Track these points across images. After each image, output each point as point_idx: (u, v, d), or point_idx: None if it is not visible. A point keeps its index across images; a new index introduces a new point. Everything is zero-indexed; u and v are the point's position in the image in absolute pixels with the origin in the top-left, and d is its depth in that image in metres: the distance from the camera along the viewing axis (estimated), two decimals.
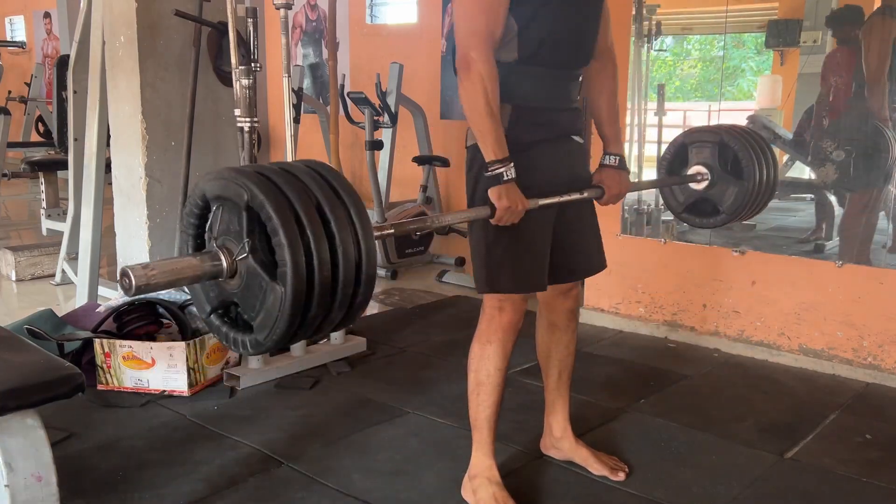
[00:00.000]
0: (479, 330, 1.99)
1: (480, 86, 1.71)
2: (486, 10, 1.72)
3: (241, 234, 1.20)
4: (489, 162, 1.75)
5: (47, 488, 1.60)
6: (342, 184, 1.26)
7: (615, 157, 2.05)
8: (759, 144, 2.20)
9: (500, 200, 1.74)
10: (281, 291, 1.16)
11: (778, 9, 3.52)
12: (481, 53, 1.71)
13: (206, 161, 3.35)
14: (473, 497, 2.03)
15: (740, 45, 3.65)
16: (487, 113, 1.72)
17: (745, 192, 2.17)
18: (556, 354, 2.18)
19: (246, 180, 1.18)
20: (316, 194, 1.21)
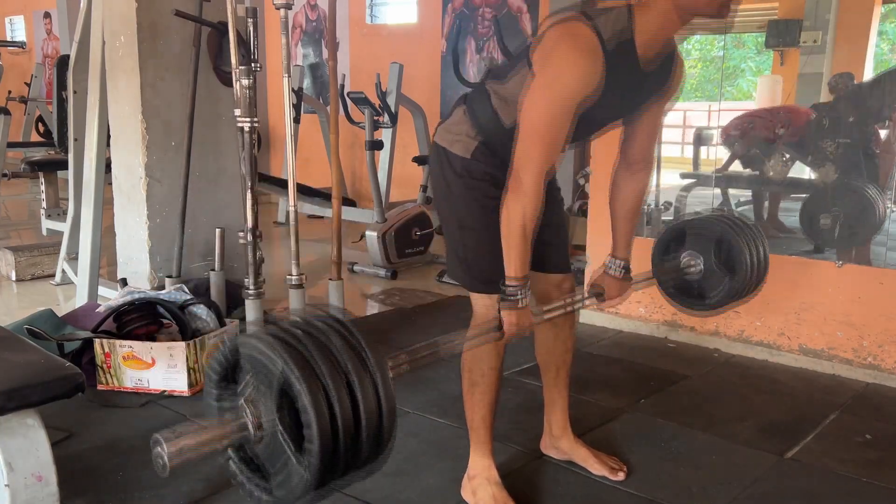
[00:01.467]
0: (471, 332, 1.98)
1: (521, 210, 1.70)
2: (551, 146, 1.69)
3: (271, 404, 1.23)
4: (508, 278, 1.76)
5: (47, 488, 1.60)
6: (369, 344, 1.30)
7: (621, 262, 2.07)
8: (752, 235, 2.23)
9: (510, 320, 1.76)
10: (305, 477, 1.19)
11: (778, 9, 3.53)
12: (534, 182, 1.69)
13: (206, 161, 3.35)
14: (473, 497, 2.03)
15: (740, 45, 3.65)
16: (521, 235, 1.72)
17: (733, 289, 2.21)
18: (554, 351, 2.18)
19: (284, 353, 1.20)
20: (348, 374, 1.24)
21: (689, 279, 2.28)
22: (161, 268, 3.26)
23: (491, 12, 6.04)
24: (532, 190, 1.69)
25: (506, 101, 1.82)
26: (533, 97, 1.68)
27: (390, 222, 4.76)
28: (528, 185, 1.68)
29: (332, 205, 3.22)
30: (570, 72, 1.64)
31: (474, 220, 1.89)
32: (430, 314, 3.85)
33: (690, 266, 2.26)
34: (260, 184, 4.35)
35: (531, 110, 1.68)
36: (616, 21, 1.68)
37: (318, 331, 1.28)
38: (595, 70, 1.66)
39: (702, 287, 2.28)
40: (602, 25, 1.67)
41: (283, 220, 6.42)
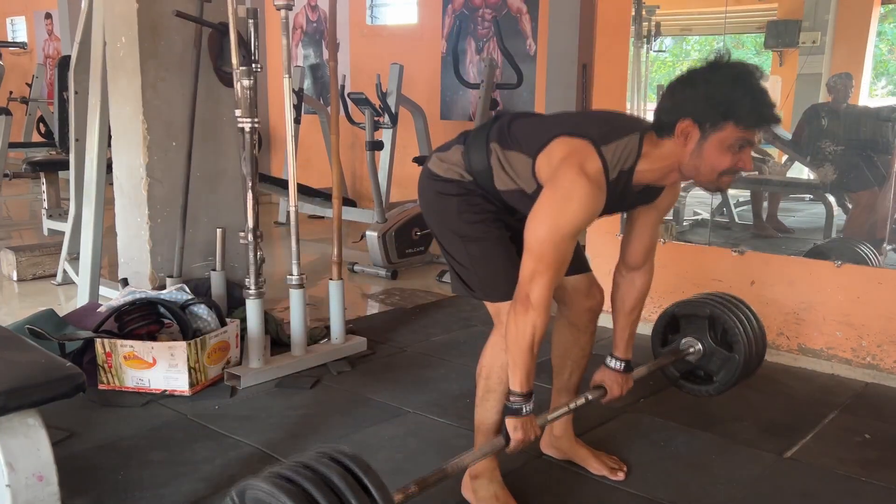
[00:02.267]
0: (494, 338, 1.98)
1: (531, 329, 1.71)
2: (557, 264, 1.72)
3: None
4: (513, 392, 1.78)
5: (48, 488, 1.60)
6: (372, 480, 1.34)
7: (622, 363, 2.10)
8: (743, 311, 2.31)
9: (515, 432, 1.77)
10: None
11: (777, 9, 3.53)
12: (541, 300, 1.71)
13: (207, 161, 3.36)
14: (474, 496, 2.03)
15: (740, 45, 3.65)
16: (529, 352, 1.74)
17: (736, 364, 2.28)
18: (571, 355, 2.18)
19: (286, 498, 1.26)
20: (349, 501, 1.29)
21: (690, 361, 2.36)
22: (162, 268, 3.26)
23: (491, 13, 6.05)
24: (540, 307, 1.71)
25: (502, 168, 1.84)
26: (541, 219, 1.71)
27: (390, 222, 4.76)
28: (537, 303, 1.70)
29: (333, 205, 3.23)
30: (576, 200, 1.68)
31: (474, 229, 1.90)
32: (430, 314, 3.85)
33: (690, 349, 2.35)
34: (260, 184, 4.35)
35: (537, 232, 1.71)
36: (625, 156, 1.74)
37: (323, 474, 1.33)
38: (600, 201, 1.71)
39: (704, 368, 2.36)
40: (611, 157, 1.72)
41: (283, 220, 6.42)
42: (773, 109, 1.65)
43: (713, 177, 1.71)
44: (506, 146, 1.84)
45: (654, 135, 1.74)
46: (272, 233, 6.08)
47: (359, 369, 3.06)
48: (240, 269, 3.36)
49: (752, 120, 1.64)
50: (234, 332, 2.95)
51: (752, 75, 1.66)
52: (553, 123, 1.85)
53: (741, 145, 1.66)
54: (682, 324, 2.38)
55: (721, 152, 1.67)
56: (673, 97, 1.72)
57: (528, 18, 5.84)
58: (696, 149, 1.69)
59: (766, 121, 1.67)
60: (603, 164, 1.70)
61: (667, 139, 1.72)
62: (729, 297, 2.37)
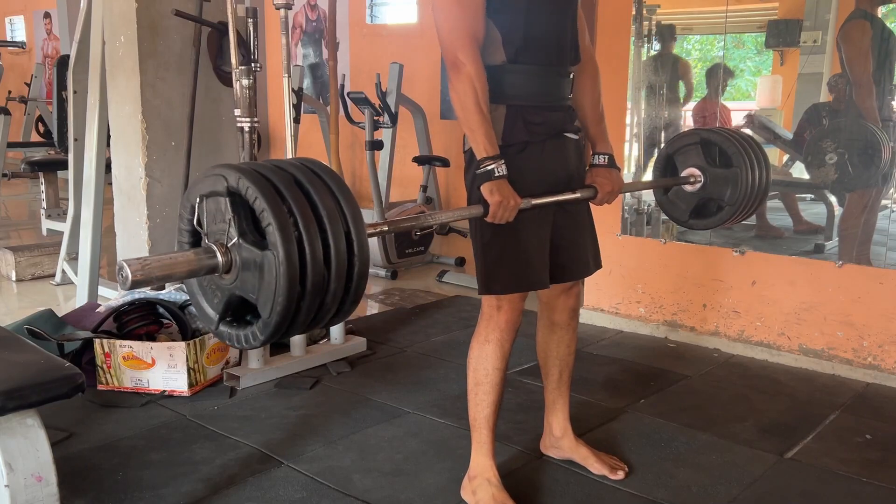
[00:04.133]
0: (478, 329, 1.99)
1: (470, 85, 1.73)
2: (465, 10, 1.74)
3: (229, 222, 1.23)
4: (480, 159, 1.76)
5: (47, 488, 1.60)
6: (320, 166, 1.28)
7: (604, 156, 2.05)
8: (738, 135, 2.23)
9: (491, 196, 1.74)
10: (273, 257, 1.17)
11: (778, 9, 3.52)
12: (468, 54, 1.73)
13: (206, 161, 3.35)
14: (473, 497, 2.03)
15: (740, 45, 3.65)
16: (477, 111, 1.74)
17: (741, 180, 2.18)
18: (556, 353, 2.19)
19: (223, 170, 1.21)
20: (294, 173, 1.23)
21: (695, 193, 2.25)
22: None
23: None
24: (470, 59, 1.72)
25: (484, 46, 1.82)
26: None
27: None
28: (464, 58, 1.72)
29: None
30: None
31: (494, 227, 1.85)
32: (430, 314, 3.85)
33: (691, 178, 2.24)
34: None
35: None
36: None
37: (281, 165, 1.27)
38: None
39: (711, 196, 2.25)
40: None
41: None
42: None
43: None
44: None
45: None
46: None
47: (358, 370, 3.06)
48: None
49: None
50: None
51: None
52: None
53: None
54: (678, 161, 2.28)
55: None
56: None
57: None
58: None
59: None
60: None
61: None
62: (717, 127, 2.30)
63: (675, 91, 3.76)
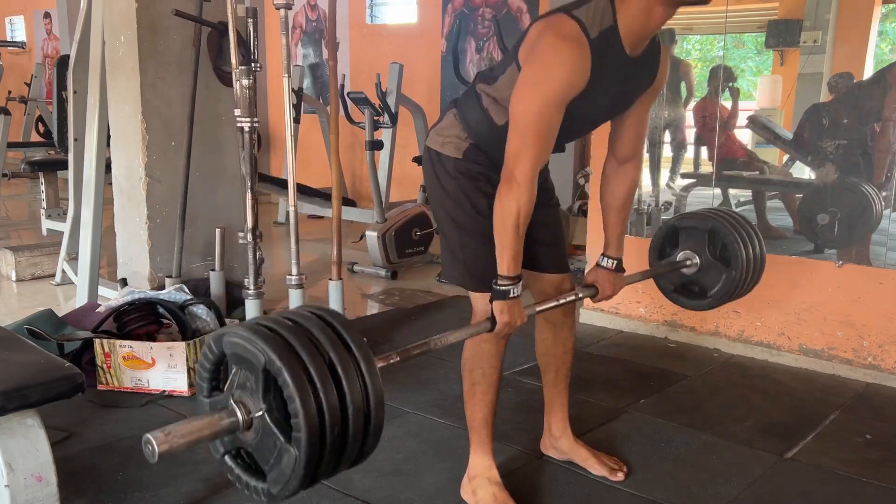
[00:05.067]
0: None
1: (515, 205, 1.70)
2: (542, 139, 1.70)
3: (258, 394, 1.24)
4: (501, 276, 1.76)
5: (47, 488, 1.60)
6: (353, 336, 1.29)
7: (613, 260, 2.07)
8: (746, 230, 2.25)
9: (501, 315, 1.76)
10: (295, 455, 1.20)
11: (778, 9, 3.53)
12: (527, 178, 1.70)
13: (206, 161, 3.35)
14: (473, 497, 2.03)
15: (740, 45, 3.65)
16: (514, 231, 1.73)
17: (732, 280, 2.23)
18: (553, 352, 2.18)
19: (263, 344, 1.21)
20: (328, 352, 1.25)
21: (686, 274, 2.29)
22: (161, 268, 3.26)
23: (491, 12, 6.04)
24: (525, 185, 1.70)
25: (496, 101, 1.83)
26: (522, 91, 1.69)
27: (390, 222, 4.75)
28: (522, 180, 1.69)
29: (332, 205, 3.22)
30: (557, 62, 1.65)
31: (471, 219, 1.90)
32: (430, 314, 3.85)
33: (687, 261, 2.27)
34: (260, 184, 4.35)
35: (521, 104, 1.69)
36: (600, 15, 1.69)
37: (303, 323, 1.28)
38: (582, 59, 1.66)
39: (699, 283, 2.28)
40: (584, 15, 1.68)
41: (283, 220, 6.42)
42: None
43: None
44: (492, 80, 1.85)
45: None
46: (271, 233, 6.08)
47: None
48: (239, 269, 3.35)
49: None
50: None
51: None
52: None
53: None
54: (681, 237, 2.31)
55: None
56: None
57: (529, 18, 5.83)
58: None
59: None
60: (579, 24, 1.66)
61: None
62: (732, 214, 2.32)
63: (677, 92, 3.76)
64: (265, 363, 1.20)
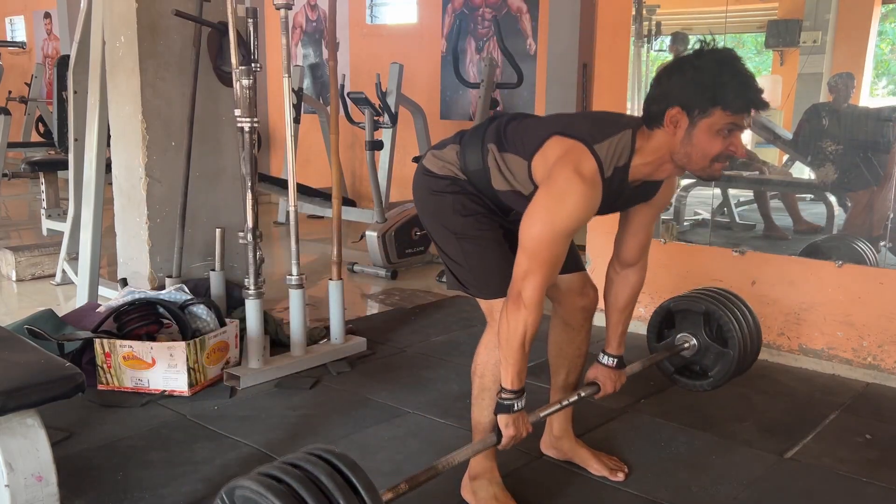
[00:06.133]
0: (486, 335, 1.98)
1: (522, 325, 1.72)
2: (550, 264, 1.73)
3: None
4: (504, 390, 1.78)
5: (47, 488, 1.60)
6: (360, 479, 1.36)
7: (615, 359, 2.10)
8: (738, 307, 2.30)
9: (507, 429, 1.78)
10: None
11: (778, 9, 3.52)
12: (534, 299, 1.71)
13: (206, 161, 3.35)
14: (474, 497, 2.03)
15: (740, 45, 3.65)
16: (520, 349, 1.74)
17: (731, 359, 2.27)
18: (566, 354, 2.18)
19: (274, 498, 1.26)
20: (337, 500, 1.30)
21: (685, 357, 2.35)
22: (161, 268, 3.26)
23: (491, 12, 6.04)
24: (533, 306, 1.71)
25: (498, 168, 1.86)
26: (535, 218, 1.72)
27: (390, 222, 4.76)
28: (529, 302, 1.71)
29: (332, 205, 3.22)
30: (573, 202, 1.69)
31: (469, 226, 1.91)
32: (430, 314, 3.85)
33: (685, 344, 2.34)
34: (260, 184, 4.35)
35: (533, 230, 1.71)
36: (619, 152, 1.74)
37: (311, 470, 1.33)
38: (596, 200, 1.72)
39: (699, 363, 2.35)
40: (605, 155, 1.72)
41: (283, 220, 6.42)
42: (760, 93, 1.64)
43: (706, 163, 1.71)
44: (502, 148, 1.86)
45: (645, 128, 1.75)
46: (272, 233, 6.08)
47: (358, 370, 3.06)
48: (239, 269, 3.35)
49: (740, 104, 1.64)
50: (233, 333, 2.95)
51: (738, 60, 1.66)
52: (548, 124, 1.85)
53: (730, 129, 1.66)
54: (677, 319, 2.38)
55: (711, 138, 1.66)
56: (660, 86, 1.72)
57: (529, 18, 5.83)
58: (685, 136, 1.68)
59: (754, 104, 1.66)
60: (598, 163, 1.71)
61: (657, 130, 1.72)
62: (724, 293, 2.37)
63: None
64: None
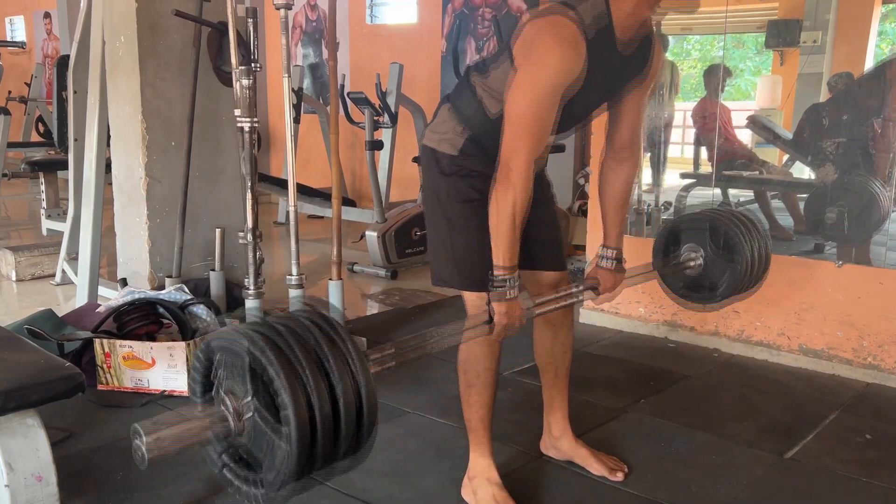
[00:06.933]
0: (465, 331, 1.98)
1: (512, 199, 1.71)
2: (536, 134, 1.72)
3: (247, 395, 1.24)
4: (496, 268, 1.76)
5: (47, 488, 1.60)
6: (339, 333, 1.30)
7: (613, 251, 2.07)
8: (747, 225, 2.26)
9: (501, 317, 1.76)
10: (286, 448, 1.20)
11: (778, 9, 3.53)
12: (522, 169, 1.71)
13: (206, 161, 3.35)
14: (473, 497, 2.03)
15: (740, 45, 3.65)
16: (510, 224, 1.73)
17: (738, 273, 2.23)
18: (552, 352, 2.19)
19: (247, 343, 1.21)
20: (315, 346, 1.25)
21: (690, 273, 2.29)
22: (161, 268, 3.26)
23: (491, 12, 6.04)
24: (521, 179, 1.70)
25: (490, 92, 1.84)
26: (517, 88, 1.70)
27: (390, 222, 4.76)
28: (517, 175, 1.70)
29: (332, 205, 3.22)
30: (553, 61, 1.67)
31: (464, 217, 1.90)
32: (430, 314, 3.85)
33: (690, 259, 2.28)
34: (260, 184, 4.35)
35: (516, 100, 1.70)
36: (593, 7, 1.71)
37: (289, 323, 1.28)
38: (577, 58, 1.69)
39: (707, 278, 2.28)
40: (582, 14, 1.70)
41: (283, 220, 6.42)
42: None
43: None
44: (484, 71, 1.86)
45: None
46: (271, 233, 6.08)
47: None
48: (239, 269, 3.35)
49: None
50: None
51: None
52: None
53: None
54: (682, 237, 2.32)
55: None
56: None
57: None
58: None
59: None
60: (575, 21, 1.68)
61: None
62: (729, 209, 2.33)
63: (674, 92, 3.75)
64: (250, 361, 1.20)
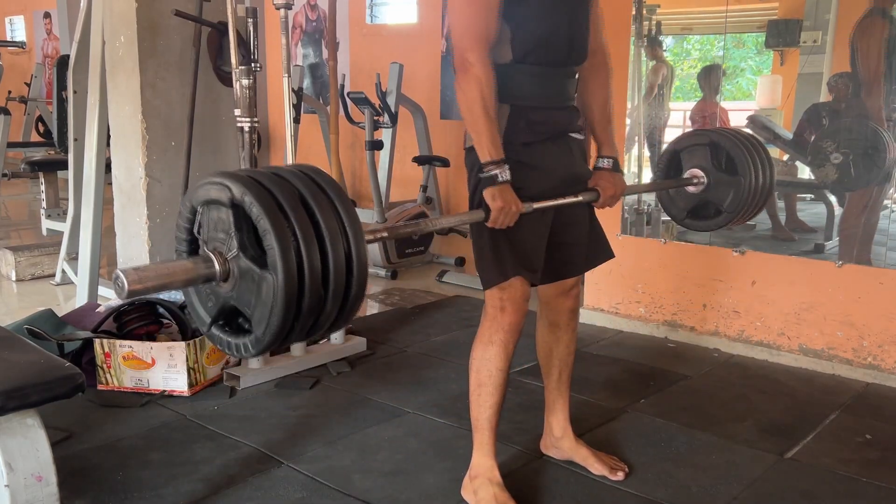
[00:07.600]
0: (481, 331, 1.99)
1: (477, 87, 1.72)
2: (479, 12, 1.73)
3: (231, 236, 1.22)
4: (484, 163, 1.76)
5: (47, 488, 1.60)
6: (325, 178, 1.28)
7: (609, 159, 2.05)
8: (748, 141, 2.21)
9: (493, 202, 1.75)
10: (272, 279, 1.17)
11: (778, 9, 3.53)
12: (478, 55, 1.72)
13: (206, 161, 3.35)
14: (474, 497, 2.03)
15: (740, 45, 3.65)
16: (483, 114, 1.73)
17: (743, 189, 2.17)
18: (556, 354, 2.19)
19: (228, 180, 1.20)
20: (299, 187, 1.22)
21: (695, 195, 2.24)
22: None
23: None
24: (478, 62, 1.71)
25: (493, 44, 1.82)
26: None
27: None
28: (474, 60, 1.71)
29: None
30: None
31: None
32: (430, 314, 3.85)
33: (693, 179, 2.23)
34: None
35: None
36: None
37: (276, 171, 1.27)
38: None
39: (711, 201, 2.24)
40: None
41: None
42: None
43: None
44: None
45: None
46: None
47: (358, 370, 3.06)
48: None
49: None
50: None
51: None
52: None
53: None
54: (684, 159, 2.27)
55: None
56: None
57: None
58: None
59: None
60: None
61: None
62: (730, 129, 2.28)
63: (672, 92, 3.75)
64: (231, 196, 1.18)
